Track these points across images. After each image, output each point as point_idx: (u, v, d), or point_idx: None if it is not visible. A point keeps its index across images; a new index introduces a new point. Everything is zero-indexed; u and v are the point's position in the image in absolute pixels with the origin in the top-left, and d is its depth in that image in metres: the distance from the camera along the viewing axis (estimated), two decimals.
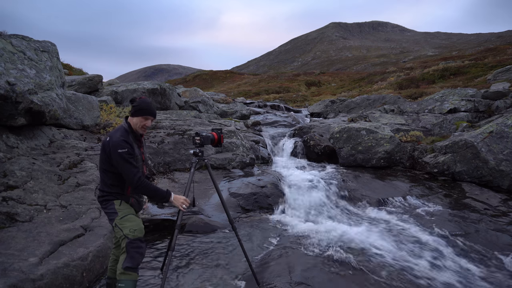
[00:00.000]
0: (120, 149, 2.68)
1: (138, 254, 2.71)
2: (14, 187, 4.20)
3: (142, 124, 2.86)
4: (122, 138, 2.73)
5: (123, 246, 2.71)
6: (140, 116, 2.83)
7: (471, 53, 38.33)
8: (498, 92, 11.61)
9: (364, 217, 5.66)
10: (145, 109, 2.83)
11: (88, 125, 7.56)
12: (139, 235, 2.76)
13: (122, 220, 2.76)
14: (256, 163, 8.29)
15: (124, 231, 2.72)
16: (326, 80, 43.03)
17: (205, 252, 4.24)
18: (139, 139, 2.94)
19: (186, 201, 2.92)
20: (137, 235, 2.74)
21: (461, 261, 4.24)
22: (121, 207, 2.80)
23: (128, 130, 2.85)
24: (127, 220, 2.77)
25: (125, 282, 2.64)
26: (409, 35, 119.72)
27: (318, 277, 3.71)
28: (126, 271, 2.65)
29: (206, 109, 15.12)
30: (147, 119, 2.85)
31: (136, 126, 2.86)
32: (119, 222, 2.76)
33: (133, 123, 2.86)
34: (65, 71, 13.10)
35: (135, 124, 2.86)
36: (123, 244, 2.72)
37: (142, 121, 2.84)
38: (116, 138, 2.72)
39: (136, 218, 2.85)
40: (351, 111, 15.71)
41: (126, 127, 2.86)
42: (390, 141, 8.15)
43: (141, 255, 2.75)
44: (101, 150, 2.82)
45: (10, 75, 4.80)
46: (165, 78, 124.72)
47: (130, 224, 2.76)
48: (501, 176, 6.57)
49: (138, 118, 2.83)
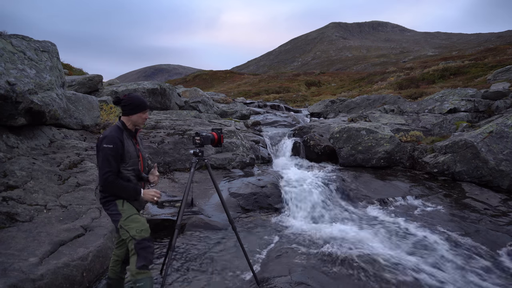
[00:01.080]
0: (106, 143, 2.67)
1: (148, 253, 2.72)
2: (14, 187, 4.20)
3: (142, 118, 2.89)
4: (112, 133, 2.72)
5: (132, 248, 2.70)
6: (139, 112, 2.85)
7: (471, 53, 38.34)
8: (498, 92, 11.61)
9: (364, 217, 5.66)
10: (140, 104, 2.85)
11: (88, 125, 7.56)
12: (145, 235, 2.76)
13: (127, 221, 2.75)
14: (256, 163, 8.29)
15: (130, 232, 2.71)
16: (326, 80, 43.03)
17: (205, 252, 4.24)
18: (134, 136, 2.93)
19: (156, 193, 2.87)
20: (143, 235, 2.74)
21: (461, 261, 4.24)
22: (124, 207, 2.79)
23: (122, 127, 2.84)
24: (132, 221, 2.76)
25: (143, 280, 2.65)
26: (409, 35, 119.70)
27: (318, 277, 3.71)
28: (141, 270, 2.66)
29: (206, 109, 15.12)
30: (145, 112, 2.89)
31: (137, 122, 2.88)
32: (124, 224, 2.75)
33: (133, 120, 2.86)
34: (65, 71, 13.09)
35: (136, 121, 2.87)
36: (131, 245, 2.71)
37: (142, 115, 2.87)
38: (106, 133, 2.73)
39: (141, 217, 2.84)
40: (351, 111, 15.71)
41: (119, 125, 2.85)
42: (390, 141, 8.15)
43: (151, 253, 2.77)
44: (96, 151, 2.80)
45: (10, 75, 4.80)
46: (165, 78, 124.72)
47: (136, 224, 2.76)
48: (501, 176, 6.57)
49: (137, 115, 2.85)
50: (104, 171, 2.67)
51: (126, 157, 2.77)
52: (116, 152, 2.68)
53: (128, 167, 2.80)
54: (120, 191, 2.74)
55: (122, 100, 2.84)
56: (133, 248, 2.69)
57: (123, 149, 2.74)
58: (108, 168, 2.67)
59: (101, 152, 2.67)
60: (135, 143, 2.91)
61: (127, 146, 2.78)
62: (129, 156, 2.78)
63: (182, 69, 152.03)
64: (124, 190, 2.74)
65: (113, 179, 2.68)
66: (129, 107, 2.82)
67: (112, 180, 2.68)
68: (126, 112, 2.84)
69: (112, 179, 2.68)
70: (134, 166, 2.85)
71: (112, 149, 2.67)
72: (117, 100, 2.86)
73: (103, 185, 2.72)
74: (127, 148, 2.78)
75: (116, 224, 2.78)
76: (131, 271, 2.68)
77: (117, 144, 2.69)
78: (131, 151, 2.82)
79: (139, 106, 2.84)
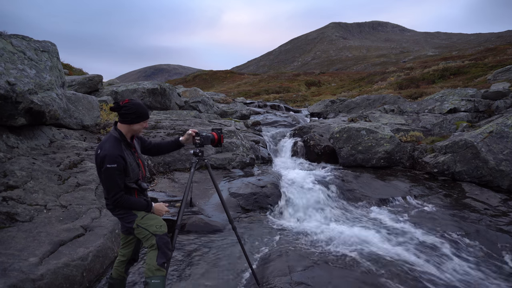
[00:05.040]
0: (109, 163, 2.54)
1: (168, 249, 2.75)
2: (14, 187, 4.20)
3: (142, 128, 2.80)
4: (113, 151, 2.57)
5: (153, 243, 2.71)
6: (141, 121, 2.75)
7: (471, 53, 38.35)
8: (498, 92, 11.61)
9: (364, 217, 5.66)
10: (144, 114, 2.74)
11: (88, 125, 7.56)
12: (165, 230, 2.80)
13: (144, 219, 2.76)
14: (256, 163, 8.29)
15: (150, 229, 2.73)
16: (326, 80, 43.05)
17: (205, 252, 4.24)
18: (131, 145, 2.80)
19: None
20: (164, 230, 2.78)
21: (461, 261, 4.24)
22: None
23: (120, 138, 2.69)
24: (149, 219, 2.78)
25: (160, 278, 2.65)
26: (409, 35, 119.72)
27: (318, 277, 3.71)
28: (161, 267, 2.67)
29: (206, 109, 15.12)
30: (146, 121, 2.81)
31: (138, 131, 2.79)
32: (141, 222, 2.74)
33: (134, 129, 2.75)
34: (65, 71, 13.09)
35: (136, 130, 2.77)
36: (151, 241, 2.72)
37: (143, 124, 2.79)
38: (106, 151, 2.57)
39: (155, 215, 2.86)
40: (351, 111, 15.71)
41: (116, 135, 2.69)
42: (390, 141, 8.15)
43: (170, 250, 2.80)
44: (97, 167, 2.69)
45: (10, 75, 4.80)
46: (165, 78, 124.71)
47: (154, 221, 2.78)
48: (501, 176, 6.57)
49: (139, 124, 2.75)
50: (113, 192, 2.60)
51: (130, 172, 2.69)
52: (120, 171, 2.60)
53: (131, 180, 2.74)
54: (132, 207, 2.73)
55: (123, 107, 2.65)
56: (154, 243, 2.71)
57: (126, 165, 2.65)
58: (117, 189, 2.61)
59: (106, 172, 2.56)
60: (134, 152, 2.81)
61: (129, 160, 2.68)
62: (132, 169, 2.72)
63: (182, 69, 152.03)
64: (136, 205, 2.74)
65: (123, 199, 2.65)
66: (132, 115, 2.66)
67: (123, 200, 2.65)
68: (128, 121, 2.68)
69: (123, 199, 2.65)
70: (136, 177, 2.79)
71: (116, 168, 2.56)
72: (117, 106, 2.64)
73: (115, 206, 2.68)
74: (129, 162, 2.68)
75: (131, 225, 2.75)
76: (150, 266, 2.67)
77: (120, 162, 2.58)
78: (133, 164, 2.74)
79: (143, 115, 2.72)
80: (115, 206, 2.70)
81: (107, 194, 2.65)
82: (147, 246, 2.76)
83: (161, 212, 2.91)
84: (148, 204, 2.82)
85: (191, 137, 3.13)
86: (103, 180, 2.62)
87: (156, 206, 2.89)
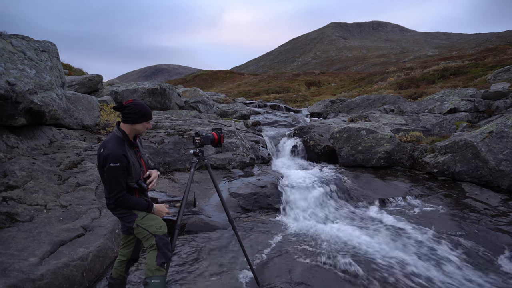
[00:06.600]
0: (112, 162, 2.56)
1: (167, 249, 2.77)
2: (14, 187, 4.20)
3: (146, 127, 2.82)
4: (116, 150, 2.60)
5: (153, 243, 2.73)
6: (144, 122, 2.77)
7: (471, 53, 38.34)
8: (498, 92, 11.61)
9: (364, 217, 5.66)
10: (147, 114, 2.77)
11: (88, 125, 7.56)
12: (165, 231, 2.81)
13: (144, 219, 2.77)
14: (256, 163, 8.29)
15: (150, 230, 2.75)
16: (326, 80, 43.05)
17: (205, 252, 4.24)
18: (134, 144, 2.83)
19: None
20: (163, 231, 2.80)
21: (461, 261, 4.25)
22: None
23: (123, 138, 2.72)
24: (150, 219, 2.79)
25: (160, 278, 2.67)
26: (409, 35, 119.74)
27: (318, 277, 3.71)
28: (161, 267, 2.69)
29: (206, 109, 15.12)
30: (149, 121, 2.83)
31: (140, 131, 2.80)
32: (141, 222, 2.75)
33: (136, 129, 2.77)
34: (65, 71, 13.10)
35: (139, 130, 2.78)
36: (151, 241, 2.74)
37: (146, 125, 2.80)
38: (109, 150, 2.59)
39: (156, 216, 2.87)
40: (351, 111, 15.71)
41: (119, 135, 2.72)
42: (390, 141, 8.15)
43: (170, 250, 2.81)
44: (98, 165, 2.71)
45: (10, 75, 4.80)
46: (165, 78, 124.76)
47: (154, 222, 2.79)
48: (501, 176, 6.57)
49: (142, 124, 2.77)
50: (115, 191, 2.62)
51: (132, 171, 2.71)
52: (123, 170, 2.62)
53: (133, 180, 2.76)
54: (133, 207, 2.74)
55: (126, 107, 2.68)
56: (154, 243, 2.73)
57: (129, 164, 2.67)
58: (119, 189, 2.62)
59: (109, 171, 2.57)
60: (136, 152, 2.84)
61: (132, 160, 2.71)
62: (134, 168, 2.74)
63: (182, 69, 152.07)
64: (137, 205, 2.75)
65: (125, 198, 2.67)
66: (135, 115, 2.70)
67: (125, 200, 2.67)
68: (131, 120, 2.71)
69: (124, 199, 2.67)
70: (137, 177, 2.81)
71: (119, 167, 2.58)
72: (120, 106, 2.68)
73: (116, 205, 2.70)
74: (132, 161, 2.71)
75: (131, 225, 2.77)
76: (150, 266, 2.69)
77: (123, 162, 2.61)
78: (135, 164, 2.76)
79: (146, 115, 2.75)
80: (116, 205, 2.71)
81: (109, 193, 2.66)
82: (147, 246, 2.77)
83: (161, 213, 2.92)
84: (149, 204, 2.83)
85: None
86: (106, 179, 2.63)
87: (157, 207, 2.90)
